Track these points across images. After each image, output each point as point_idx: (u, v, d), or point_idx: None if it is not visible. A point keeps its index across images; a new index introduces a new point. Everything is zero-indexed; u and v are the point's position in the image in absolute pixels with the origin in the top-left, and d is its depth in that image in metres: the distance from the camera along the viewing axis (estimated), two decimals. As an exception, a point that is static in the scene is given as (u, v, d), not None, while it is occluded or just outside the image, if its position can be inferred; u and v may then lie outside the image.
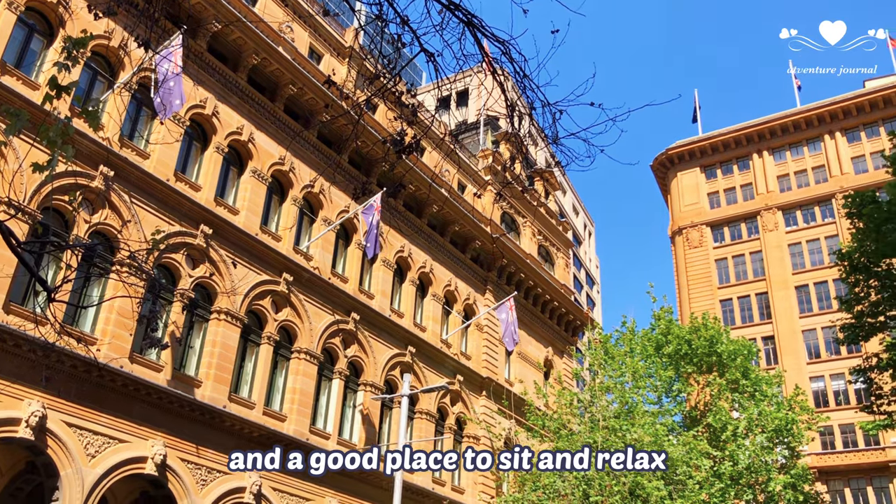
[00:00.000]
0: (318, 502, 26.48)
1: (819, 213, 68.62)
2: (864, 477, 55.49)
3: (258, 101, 28.21)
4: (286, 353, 27.62)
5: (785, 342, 63.50)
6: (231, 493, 23.53)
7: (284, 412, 26.61)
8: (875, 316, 25.99)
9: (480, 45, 6.96)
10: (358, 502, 28.03)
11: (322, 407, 28.68)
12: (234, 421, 23.95)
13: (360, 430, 29.59)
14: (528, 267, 41.85)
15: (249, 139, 27.48)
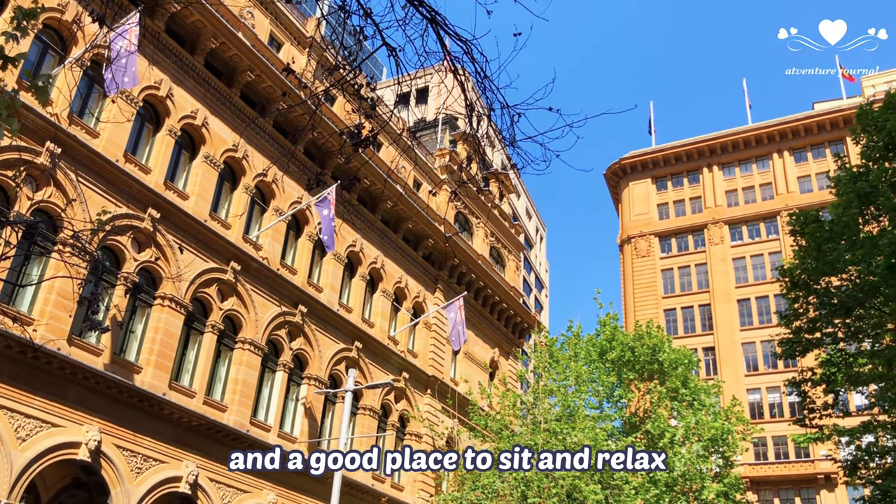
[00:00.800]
0: (256, 495, 26.18)
1: (764, 229, 70.29)
2: (794, 488, 57.07)
3: (214, 86, 27.77)
4: (230, 342, 27.25)
5: (725, 354, 64.90)
6: (166, 482, 23.11)
7: (226, 402, 26.25)
8: (812, 332, 26.68)
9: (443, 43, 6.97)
10: (295, 496, 27.80)
11: (264, 399, 28.37)
12: (173, 409, 23.53)
13: (301, 424, 29.35)
14: (479, 268, 42.02)
15: (203, 124, 27.04)
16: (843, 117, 68.09)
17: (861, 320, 25.63)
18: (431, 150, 44.23)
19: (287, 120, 30.58)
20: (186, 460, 23.82)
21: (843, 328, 26.30)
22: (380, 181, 33.95)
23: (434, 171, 41.54)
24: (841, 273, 25.27)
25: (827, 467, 53.99)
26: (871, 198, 24.22)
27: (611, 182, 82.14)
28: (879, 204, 23.91)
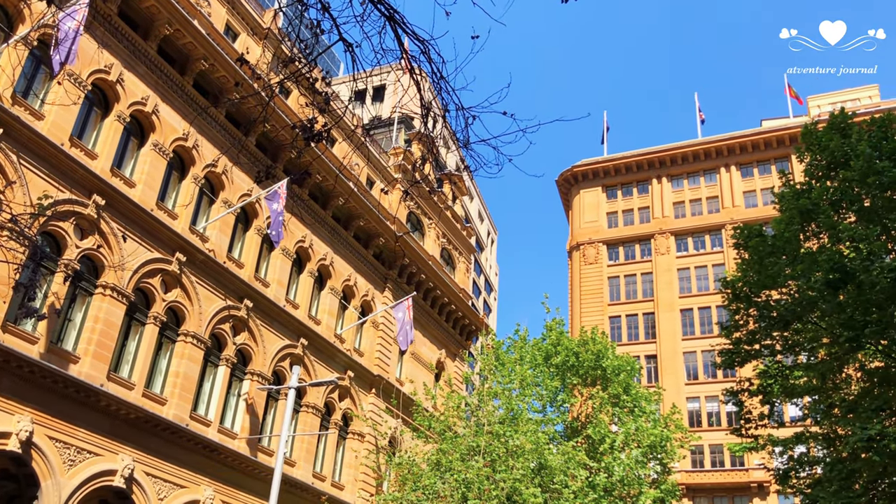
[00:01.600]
0: (193, 490, 25.73)
1: (709, 241, 71.77)
2: (728, 496, 58.36)
3: (167, 73, 27.23)
4: (172, 335, 26.74)
5: (666, 362, 66.06)
6: (100, 475, 22.54)
7: (165, 395, 25.75)
8: (751, 343, 27.31)
9: (400, 42, 6.94)
10: (234, 492, 27.41)
11: (205, 393, 27.91)
12: (110, 401, 22.97)
13: (242, 420, 28.95)
14: (429, 268, 42.03)
15: (154, 111, 26.49)
16: (789, 135, 69.94)
17: (798, 334, 26.34)
18: (386, 149, 44.09)
19: (240, 111, 30.17)
20: (122, 453, 23.29)
21: (781, 341, 27.00)
22: (332, 177, 33.71)
23: (388, 170, 41.42)
24: (781, 287, 25.94)
25: (760, 476, 55.35)
26: (813, 215, 24.92)
27: (562, 189, 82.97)
28: (820, 221, 24.61)
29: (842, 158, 25.03)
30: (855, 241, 23.04)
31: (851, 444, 21.29)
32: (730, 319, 27.81)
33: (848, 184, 24.27)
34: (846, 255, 23.00)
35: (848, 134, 25.63)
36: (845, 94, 76.96)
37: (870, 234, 22.62)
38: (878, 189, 23.06)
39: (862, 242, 22.63)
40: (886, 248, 23.29)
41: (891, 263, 21.04)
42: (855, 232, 22.75)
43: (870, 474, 22.66)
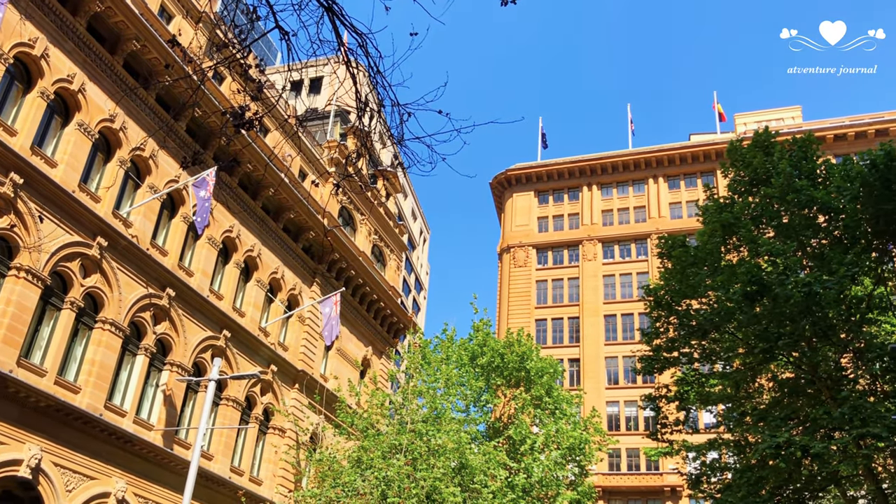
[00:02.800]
0: (104, 482, 24.93)
1: (635, 249, 73.41)
2: (642, 499, 59.82)
3: (96, 52, 26.31)
4: (90, 321, 25.86)
5: (589, 366, 67.28)
6: (5, 465, 21.59)
7: (79, 384, 24.87)
8: (670, 351, 28.05)
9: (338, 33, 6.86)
10: (147, 485, 26.68)
11: (122, 383, 27.08)
12: (19, 387, 22.03)
13: (160, 411, 28.20)
14: (359, 264, 41.77)
15: (80, 89, 25.57)
16: (715, 150, 72.08)
17: (715, 343, 27.18)
18: (321, 142, 43.62)
19: (170, 95, 29.40)
20: (30, 443, 22.39)
21: (699, 349, 27.81)
22: (262, 167, 33.17)
23: (321, 163, 41.01)
24: (701, 297, 26.73)
25: (674, 480, 56.90)
26: (734, 228, 25.75)
27: (496, 191, 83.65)
28: (741, 235, 25.45)
29: (764, 175, 25.96)
30: (773, 256, 23.89)
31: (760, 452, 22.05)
32: (651, 326, 28.49)
33: (768, 200, 25.17)
34: (764, 268, 23.84)
35: (770, 152, 26.59)
36: (770, 113, 79.80)
37: (787, 250, 23.49)
38: (796, 206, 23.97)
39: (779, 257, 23.48)
40: (802, 263, 24.24)
41: (805, 278, 21.89)
42: (773, 247, 23.59)
43: (776, 481, 23.53)
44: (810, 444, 20.38)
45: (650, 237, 70.94)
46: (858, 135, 67.12)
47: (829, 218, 24.04)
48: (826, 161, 26.12)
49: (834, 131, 67.77)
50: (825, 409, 22.11)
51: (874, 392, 24.04)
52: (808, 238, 24.61)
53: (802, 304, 21.77)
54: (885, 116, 68.33)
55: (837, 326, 23.37)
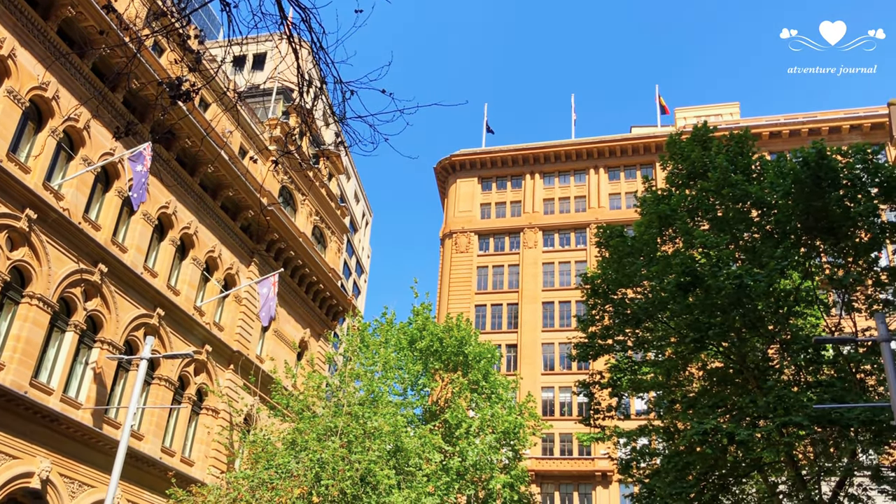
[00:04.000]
0: (27, 461, 24.20)
1: (574, 238, 74.39)
2: (574, 483, 60.96)
3: (28, 16, 25.28)
4: (16, 296, 24.99)
5: (526, 352, 68.07)
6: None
7: (3, 360, 24.02)
8: (605, 338, 28.57)
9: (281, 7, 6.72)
10: (74, 465, 26.01)
11: (49, 360, 26.28)
12: (-62, 363, 21.20)
13: (89, 389, 27.48)
14: (299, 245, 41.30)
15: (10, 55, 24.56)
16: (655, 143, 73.39)
17: (649, 332, 27.79)
18: (263, 120, 42.89)
19: (106, 64, 28.48)
20: (-52, 420, 21.59)
21: (633, 337, 28.40)
22: (204, 145, 32.46)
23: (262, 141, 40.33)
24: (636, 286, 27.27)
25: (605, 465, 58.13)
26: (671, 220, 26.30)
27: (440, 177, 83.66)
28: (677, 227, 26.00)
29: (701, 169, 26.53)
30: (706, 248, 24.49)
31: (688, 438, 22.67)
32: (587, 314, 28.95)
33: (705, 193, 25.74)
34: (697, 260, 24.43)
35: (708, 147, 27.18)
36: (709, 108, 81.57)
37: (720, 242, 24.09)
38: (731, 200, 24.59)
39: (713, 249, 24.08)
40: (734, 256, 24.90)
41: (736, 271, 22.51)
42: (707, 239, 24.17)
43: (702, 466, 24.23)
44: (736, 431, 21.03)
45: (589, 227, 71.92)
46: (793, 133, 69.14)
47: (761, 212, 24.73)
48: (761, 157, 26.85)
49: (770, 129, 69.67)
50: (751, 398, 22.83)
51: (798, 382, 24.92)
52: (741, 231, 25.28)
53: (733, 296, 22.39)
54: (818, 116, 70.51)
55: (766, 318, 24.13)
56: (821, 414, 20.25)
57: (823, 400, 21.36)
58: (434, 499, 29.94)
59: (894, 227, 23.22)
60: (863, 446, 23.03)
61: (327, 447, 26.13)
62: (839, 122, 68.35)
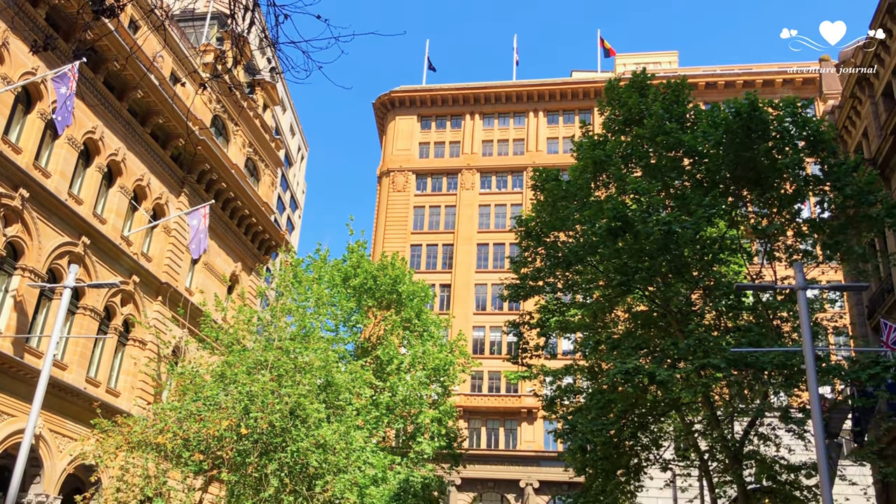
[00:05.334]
0: (-57, 390, 23.54)
1: (511, 181, 74.72)
2: (500, 419, 62.56)
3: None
4: (-71, 219, 23.91)
5: (459, 292, 68.78)
6: None
7: (-85, 285, 23.11)
8: (536, 280, 29.05)
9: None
10: (-7, 395, 25.41)
11: (-35, 286, 25.37)
12: None
13: (9, 318, 26.69)
14: (231, 177, 40.41)
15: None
16: (594, 88, 73.65)
17: (578, 275, 28.35)
18: (196, 46, 41.34)
19: (28, -23, 26.90)
20: None
21: (563, 280, 28.95)
22: (132, 67, 31.18)
23: (195, 65, 38.95)
24: (569, 230, 27.68)
25: (531, 402, 59.72)
26: (605, 166, 26.63)
27: (379, 113, 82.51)
28: (611, 172, 26.36)
29: (637, 116, 26.80)
30: (638, 194, 24.94)
31: (611, 377, 23.43)
32: (520, 256, 29.33)
33: (639, 140, 26.09)
34: (629, 206, 24.87)
35: (645, 94, 27.43)
36: (649, 56, 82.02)
37: (651, 189, 24.55)
38: (664, 148, 24.99)
39: (644, 196, 24.54)
40: (664, 203, 25.44)
41: (665, 218, 23.03)
42: (639, 185, 24.60)
43: (623, 405, 25.14)
44: (657, 372, 21.81)
45: (527, 170, 72.25)
46: (728, 84, 70.24)
47: (693, 161, 25.23)
48: (696, 107, 27.26)
49: (706, 79, 70.60)
50: (673, 341, 23.66)
51: (718, 327, 25.89)
52: (672, 179, 25.79)
53: (661, 242, 22.96)
54: (752, 68, 71.68)
55: (691, 264, 24.85)
56: (737, 357, 21.13)
57: (741, 344, 22.27)
58: (363, 432, 30.41)
59: (818, 179, 24.03)
60: (774, 388, 24.21)
61: (257, 380, 26.11)
62: (773, 76, 69.68)
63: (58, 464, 28.16)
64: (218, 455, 25.82)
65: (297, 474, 25.58)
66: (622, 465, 28.18)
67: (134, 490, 25.66)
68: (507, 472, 59.37)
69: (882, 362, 20.41)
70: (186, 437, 25.19)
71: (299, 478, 25.67)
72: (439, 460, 38.79)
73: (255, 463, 25.03)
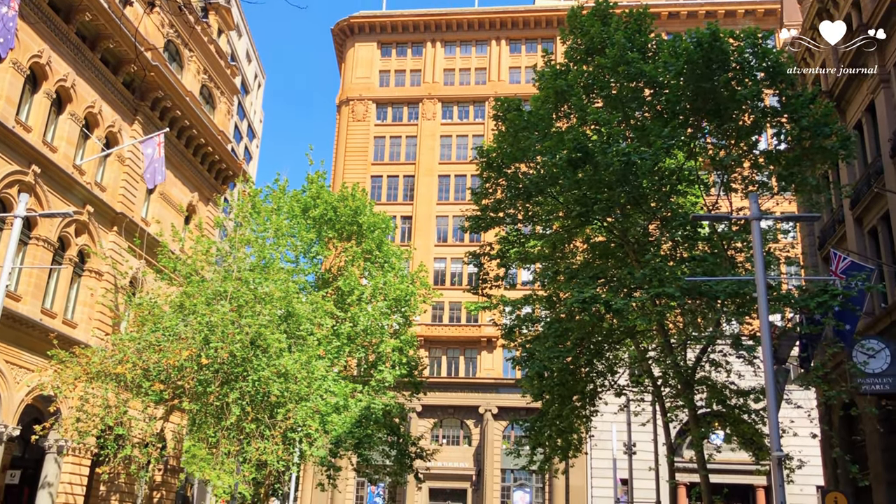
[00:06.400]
0: None
1: (473, 111, 74.06)
2: (460, 348, 63.54)
3: None
4: None
5: (420, 224, 68.78)
6: None
7: None
8: (497, 211, 29.15)
9: None
10: (-55, 326, 24.97)
11: (-89, 216, 24.60)
12: None
13: (-42, 249, 26.05)
14: (185, 104, 39.37)
15: None
16: (557, 17, 72.54)
17: (538, 206, 28.50)
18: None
19: None
20: None
21: (523, 211, 29.11)
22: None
23: (146, -10, 37.41)
24: (530, 161, 27.69)
25: (490, 332, 60.63)
26: (567, 96, 26.48)
27: (338, 40, 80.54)
28: (572, 103, 26.24)
29: (599, 45, 26.57)
30: (599, 125, 24.94)
31: (568, 306, 23.82)
32: (481, 187, 29.32)
33: (601, 70, 25.92)
34: (589, 137, 24.89)
35: (608, 23, 27.13)
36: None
37: (612, 120, 24.55)
38: (626, 79, 24.89)
39: (604, 126, 24.55)
40: (624, 134, 25.50)
41: (625, 149, 23.13)
42: (600, 116, 24.57)
43: (580, 332, 25.65)
44: (613, 300, 22.24)
45: (489, 100, 71.58)
46: (690, 14, 69.79)
47: (654, 92, 25.21)
48: (658, 37, 27.09)
49: (669, 8, 70.03)
50: (629, 271, 24.07)
51: (674, 257, 26.36)
52: (632, 110, 25.80)
53: (620, 173, 23.10)
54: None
55: (649, 196, 25.10)
56: (692, 286, 21.59)
57: (696, 274, 22.75)
58: (325, 362, 30.71)
59: (776, 111, 24.22)
60: (727, 317, 24.87)
61: (216, 311, 26.06)
62: (735, 6, 69.38)
63: (15, 395, 27.99)
64: (179, 385, 25.93)
65: (259, 403, 25.84)
66: (578, 390, 28.95)
67: (94, 420, 25.75)
68: (467, 399, 60.63)
69: (830, 290, 21.03)
70: (146, 368, 25.22)
71: (261, 406, 25.95)
72: (400, 388, 39.42)
73: (217, 392, 25.20)
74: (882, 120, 26.56)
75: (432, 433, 60.48)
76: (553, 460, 31.47)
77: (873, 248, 27.28)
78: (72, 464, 30.71)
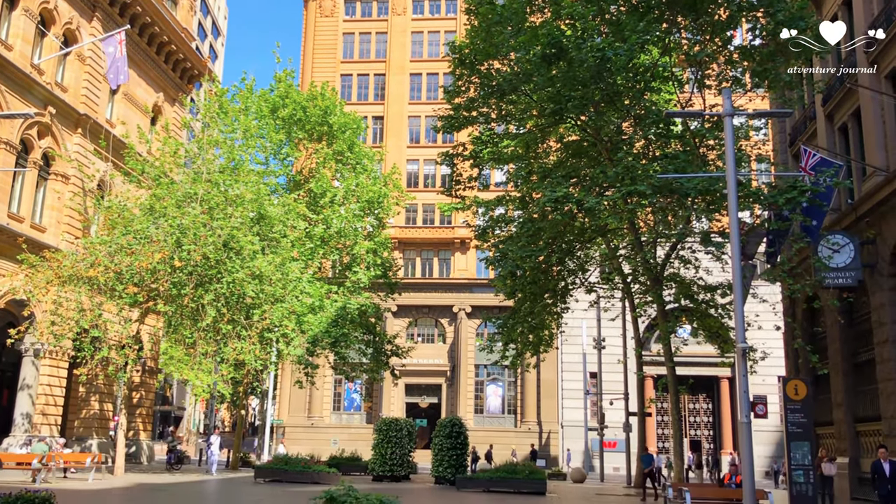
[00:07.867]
0: None
1: (444, 6, 71.98)
2: (434, 249, 63.90)
3: None
4: None
5: (392, 124, 67.82)
6: None
7: None
8: (470, 110, 28.77)
9: None
10: None
11: None
12: None
13: (-84, 152, 25.31)
14: (145, 0, 37.76)
15: None
16: None
17: (512, 104, 28.17)
18: None
19: None
20: None
21: (496, 110, 28.76)
22: None
23: None
24: (504, 57, 27.16)
25: (464, 233, 60.93)
26: (541, -11, 25.76)
27: (302, -70, 77.12)
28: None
29: (575, -65, 25.65)
30: (573, 19, 24.38)
31: (541, 206, 23.92)
32: (453, 85, 28.82)
33: (576, -39, 25.13)
34: (564, 31, 24.35)
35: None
36: None
37: (586, 14, 24.01)
38: (601, -30, 24.20)
39: (579, 21, 24.01)
40: (599, 29, 24.99)
41: (599, 44, 22.71)
42: (574, 10, 23.99)
43: (552, 232, 25.85)
44: (585, 199, 22.34)
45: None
46: None
47: (629, -16, 24.61)
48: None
49: None
50: (602, 169, 24.08)
51: (646, 155, 26.38)
52: (607, 4, 25.22)
53: (594, 69, 22.76)
54: None
55: (623, 93, 24.87)
56: (663, 184, 21.68)
57: (667, 171, 22.81)
58: (299, 263, 30.77)
59: (751, 5, 23.80)
60: (697, 214, 25.14)
61: (187, 214, 25.84)
62: None
63: (-13, 300, 27.88)
64: (153, 287, 25.95)
65: (234, 304, 26.01)
66: (549, 288, 29.44)
67: (69, 323, 25.79)
68: (441, 299, 61.43)
69: (799, 187, 21.27)
70: (119, 271, 25.12)
71: (236, 307, 26.13)
72: (375, 289, 39.81)
73: (192, 294, 25.28)
74: (858, 13, 26.25)
75: (407, 332, 61.49)
76: (525, 355, 32.33)
77: (843, 145, 27.45)
78: (49, 366, 30.94)
